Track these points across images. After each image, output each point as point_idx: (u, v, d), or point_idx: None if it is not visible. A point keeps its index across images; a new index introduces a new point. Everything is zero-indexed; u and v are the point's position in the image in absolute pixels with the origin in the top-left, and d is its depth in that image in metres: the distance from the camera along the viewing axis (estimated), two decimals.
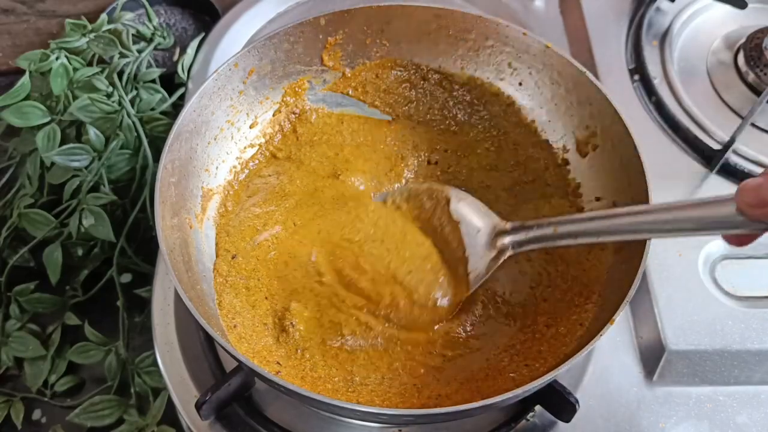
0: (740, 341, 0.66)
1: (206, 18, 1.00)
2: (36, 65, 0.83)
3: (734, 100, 0.83)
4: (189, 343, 0.68)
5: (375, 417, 0.55)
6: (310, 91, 0.76)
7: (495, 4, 0.96)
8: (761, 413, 0.65)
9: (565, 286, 0.64)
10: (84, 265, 0.84)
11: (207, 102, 0.68)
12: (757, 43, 0.84)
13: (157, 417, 0.74)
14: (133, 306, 0.82)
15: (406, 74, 0.77)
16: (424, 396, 0.59)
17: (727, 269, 0.71)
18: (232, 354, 0.51)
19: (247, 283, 0.66)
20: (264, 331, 0.63)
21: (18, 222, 0.81)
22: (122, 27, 0.88)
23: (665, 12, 0.92)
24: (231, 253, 0.67)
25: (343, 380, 0.60)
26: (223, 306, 0.63)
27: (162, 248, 0.57)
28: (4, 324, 0.81)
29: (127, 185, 0.83)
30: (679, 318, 0.67)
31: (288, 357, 0.62)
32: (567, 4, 0.95)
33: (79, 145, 0.79)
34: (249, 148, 0.73)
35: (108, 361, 0.79)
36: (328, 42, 0.74)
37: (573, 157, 0.70)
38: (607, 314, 0.55)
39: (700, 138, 0.78)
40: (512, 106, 0.74)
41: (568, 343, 0.60)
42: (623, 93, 0.84)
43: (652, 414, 0.64)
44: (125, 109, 0.82)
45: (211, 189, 0.69)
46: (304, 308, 0.64)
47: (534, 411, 0.63)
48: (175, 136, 0.63)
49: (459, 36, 0.73)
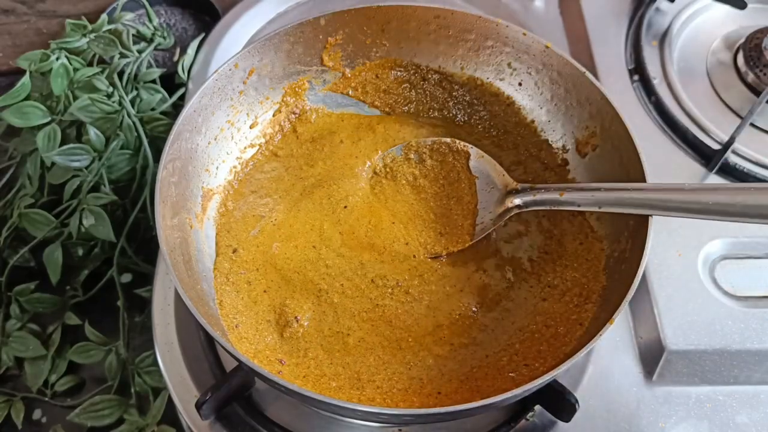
0: (740, 341, 0.66)
1: (206, 18, 1.00)
2: (36, 65, 0.83)
3: (734, 100, 0.84)
4: (189, 343, 0.68)
5: (375, 417, 0.56)
6: (310, 91, 0.76)
7: (495, 4, 0.96)
8: (761, 413, 0.65)
9: (564, 286, 0.65)
10: (84, 265, 0.84)
11: (207, 102, 0.68)
12: (757, 44, 0.84)
13: (157, 417, 0.74)
14: (133, 306, 0.83)
15: (406, 74, 0.77)
16: (425, 393, 0.59)
17: (727, 269, 0.71)
18: (233, 354, 0.51)
19: (249, 277, 0.66)
20: (268, 328, 0.63)
21: (18, 222, 0.81)
22: (122, 27, 0.88)
23: (665, 12, 0.92)
24: (232, 248, 0.67)
25: (348, 378, 0.60)
26: (224, 306, 0.63)
27: (162, 248, 0.57)
28: (5, 324, 0.81)
29: (128, 185, 0.83)
30: (678, 318, 0.67)
31: (291, 354, 0.62)
32: (567, 4, 0.95)
33: (79, 145, 0.79)
34: (249, 148, 0.73)
35: (108, 360, 0.79)
36: (328, 42, 0.74)
37: (573, 157, 0.71)
38: (606, 314, 0.55)
39: (700, 138, 0.79)
40: (512, 106, 0.74)
41: (567, 343, 0.60)
42: (623, 93, 0.84)
43: (651, 414, 0.64)
44: (125, 109, 0.82)
45: (212, 189, 0.69)
46: (308, 301, 0.64)
47: (534, 411, 0.64)
48: (175, 136, 0.63)
49: (459, 36, 0.73)
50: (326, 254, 0.67)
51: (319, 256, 0.67)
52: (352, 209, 0.70)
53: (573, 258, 0.66)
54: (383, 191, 0.72)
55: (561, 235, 0.68)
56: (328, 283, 0.65)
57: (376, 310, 0.64)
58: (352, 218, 0.70)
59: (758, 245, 0.72)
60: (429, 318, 0.64)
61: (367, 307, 0.64)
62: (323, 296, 0.65)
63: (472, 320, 0.64)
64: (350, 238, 0.69)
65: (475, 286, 0.66)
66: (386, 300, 0.65)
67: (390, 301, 0.64)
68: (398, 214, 0.71)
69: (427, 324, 0.63)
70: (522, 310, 0.64)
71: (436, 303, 0.65)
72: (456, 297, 0.65)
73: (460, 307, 0.64)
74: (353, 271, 0.66)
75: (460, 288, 0.66)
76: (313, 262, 0.67)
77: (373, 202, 0.71)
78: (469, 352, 0.62)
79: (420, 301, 0.65)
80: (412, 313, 0.64)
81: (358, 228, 0.69)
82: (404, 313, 0.64)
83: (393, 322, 0.63)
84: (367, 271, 0.66)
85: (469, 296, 0.65)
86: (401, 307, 0.64)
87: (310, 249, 0.68)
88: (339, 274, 0.66)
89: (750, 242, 0.72)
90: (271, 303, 0.65)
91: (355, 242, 0.68)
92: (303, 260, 0.67)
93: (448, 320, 0.64)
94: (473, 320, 0.64)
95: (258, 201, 0.71)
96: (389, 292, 0.65)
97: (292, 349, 0.62)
